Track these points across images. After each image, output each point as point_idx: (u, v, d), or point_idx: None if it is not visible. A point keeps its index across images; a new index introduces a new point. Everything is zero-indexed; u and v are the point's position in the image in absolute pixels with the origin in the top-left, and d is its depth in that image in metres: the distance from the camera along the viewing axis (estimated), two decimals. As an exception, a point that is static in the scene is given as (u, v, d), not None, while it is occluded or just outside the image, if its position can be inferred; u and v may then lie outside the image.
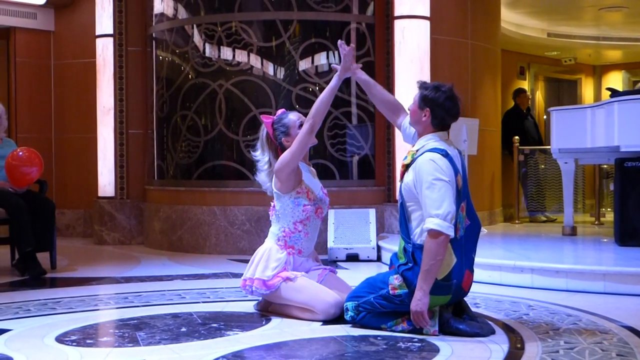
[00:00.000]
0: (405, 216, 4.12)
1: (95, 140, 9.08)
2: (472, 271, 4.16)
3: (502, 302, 4.99)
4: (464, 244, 4.06)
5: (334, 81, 4.50)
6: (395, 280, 4.06)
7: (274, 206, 4.66)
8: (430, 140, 4.13)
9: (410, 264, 4.02)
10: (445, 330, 3.97)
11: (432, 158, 4.00)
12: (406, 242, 4.08)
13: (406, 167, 4.13)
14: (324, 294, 4.40)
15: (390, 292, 4.06)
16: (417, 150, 4.13)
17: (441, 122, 4.18)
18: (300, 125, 4.57)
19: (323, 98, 4.45)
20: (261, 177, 4.75)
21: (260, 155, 4.73)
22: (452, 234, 3.91)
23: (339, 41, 4.58)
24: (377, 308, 4.12)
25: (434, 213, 3.90)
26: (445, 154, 4.04)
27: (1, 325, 4.39)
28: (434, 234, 3.88)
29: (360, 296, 4.20)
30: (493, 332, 4.02)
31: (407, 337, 3.93)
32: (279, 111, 4.75)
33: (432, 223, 3.89)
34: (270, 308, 4.65)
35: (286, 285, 4.47)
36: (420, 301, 3.91)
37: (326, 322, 4.31)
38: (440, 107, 4.17)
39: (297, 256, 4.61)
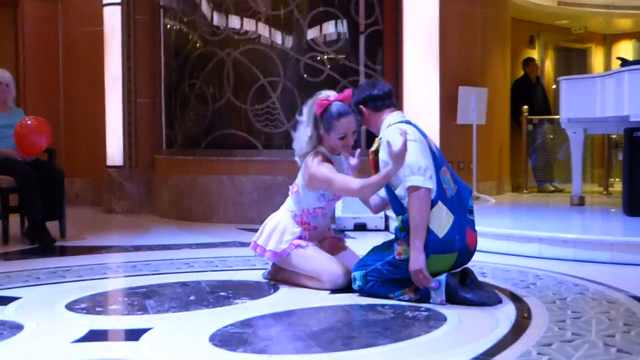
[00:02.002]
0: (392, 193, 4.14)
1: (104, 109, 9.10)
2: (475, 230, 4.20)
3: (509, 272, 5.00)
4: (457, 204, 4.10)
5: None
6: (399, 245, 4.09)
7: (297, 190, 4.53)
8: (388, 119, 4.24)
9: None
10: (453, 299, 3.98)
11: (396, 127, 4.12)
12: (402, 214, 4.09)
13: (375, 153, 4.18)
14: (332, 264, 4.42)
15: (396, 257, 4.08)
16: (380, 137, 4.21)
17: (376, 104, 4.29)
18: (343, 138, 4.36)
19: (379, 181, 4.09)
20: (299, 137, 4.50)
21: (305, 120, 4.47)
22: (430, 186, 3.96)
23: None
24: (384, 275, 4.13)
25: (408, 172, 3.97)
26: (408, 122, 4.19)
27: (11, 293, 4.42)
28: (413, 190, 3.95)
29: (368, 264, 4.21)
30: (500, 301, 4.03)
31: (415, 306, 3.94)
32: (344, 94, 4.44)
33: (409, 181, 3.96)
34: (278, 276, 4.67)
35: (297, 252, 4.48)
36: (416, 260, 3.94)
37: (334, 291, 4.33)
38: (364, 97, 4.31)
39: (312, 231, 4.62)
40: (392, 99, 4.35)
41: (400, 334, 3.41)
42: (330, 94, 4.45)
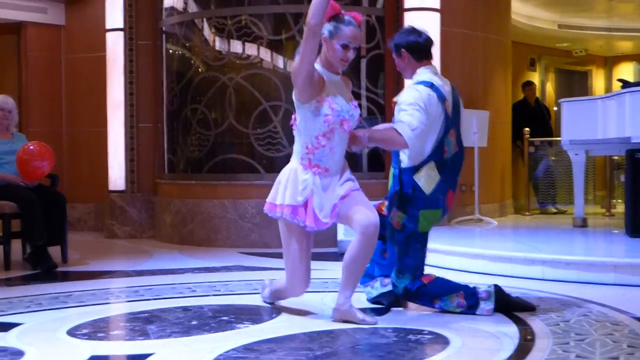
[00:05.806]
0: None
1: (106, 134, 9.11)
2: (455, 191, 4.51)
3: (512, 294, 4.98)
4: (450, 165, 4.38)
5: None
6: (393, 217, 4.38)
7: (295, 119, 4.33)
8: (419, 75, 4.42)
9: (397, 187, 4.35)
10: (502, 306, 4.34)
11: (416, 88, 4.33)
12: (395, 168, 4.39)
13: (397, 103, 4.42)
14: (299, 279, 4.31)
15: (395, 227, 4.38)
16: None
17: (418, 52, 4.45)
18: (346, 47, 4.22)
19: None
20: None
21: None
22: (409, 144, 4.18)
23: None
24: (398, 242, 4.39)
25: (407, 120, 4.19)
26: (431, 85, 4.32)
27: (13, 319, 4.41)
28: (397, 133, 4.20)
29: (382, 265, 4.58)
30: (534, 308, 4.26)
31: (417, 329, 3.93)
32: (355, 14, 4.41)
33: (400, 126, 4.19)
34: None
35: (289, 227, 4.35)
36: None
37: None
38: (411, 42, 4.46)
39: (324, 175, 4.19)
40: (431, 51, 4.53)
41: (403, 357, 3.40)
42: None
